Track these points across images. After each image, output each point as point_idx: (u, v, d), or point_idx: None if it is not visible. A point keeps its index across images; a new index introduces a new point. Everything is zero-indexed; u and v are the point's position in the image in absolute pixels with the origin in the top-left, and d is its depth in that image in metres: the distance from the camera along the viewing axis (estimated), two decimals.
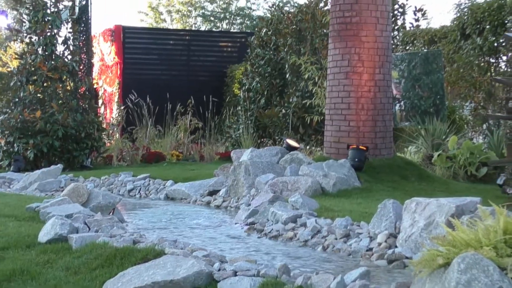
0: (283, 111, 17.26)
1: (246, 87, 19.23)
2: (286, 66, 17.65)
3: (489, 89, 14.77)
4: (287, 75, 17.64)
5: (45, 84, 15.98)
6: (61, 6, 16.44)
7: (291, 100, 17.12)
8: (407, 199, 6.73)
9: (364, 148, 11.10)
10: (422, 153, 13.42)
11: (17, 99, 15.97)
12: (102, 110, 21.35)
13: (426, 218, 6.32)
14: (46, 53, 16.00)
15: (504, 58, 15.00)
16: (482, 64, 15.27)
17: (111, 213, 8.85)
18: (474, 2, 15.61)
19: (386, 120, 11.70)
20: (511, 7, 13.74)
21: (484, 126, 14.92)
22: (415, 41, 17.35)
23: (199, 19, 43.46)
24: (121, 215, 9.07)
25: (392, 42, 13.37)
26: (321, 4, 17.49)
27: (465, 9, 15.75)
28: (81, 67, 17.11)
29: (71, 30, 16.90)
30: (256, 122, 18.00)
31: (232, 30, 40.98)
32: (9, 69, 23.20)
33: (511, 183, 9.97)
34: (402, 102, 15.32)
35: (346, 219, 7.54)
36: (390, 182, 10.90)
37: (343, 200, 9.41)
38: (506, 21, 14.40)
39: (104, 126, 17.92)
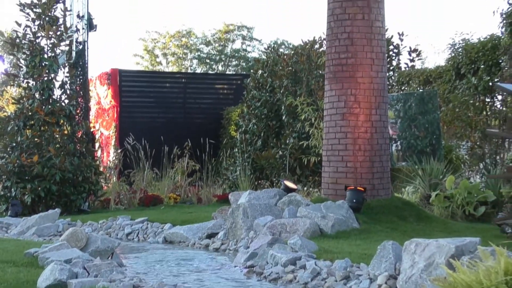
0: (280, 152, 17.29)
1: (243, 129, 19.27)
2: (283, 107, 17.71)
3: (485, 128, 14.82)
4: (284, 117, 17.69)
5: (42, 129, 16.01)
6: (58, 51, 16.52)
7: (288, 141, 17.15)
8: (406, 240, 6.72)
9: (362, 189, 11.10)
10: (419, 193, 13.42)
11: (14, 144, 15.99)
12: (99, 153, 21.34)
13: (426, 259, 6.31)
14: (43, 97, 16.05)
15: (500, 97, 15.07)
16: (478, 103, 15.34)
17: (110, 258, 8.82)
18: (468, 42, 15.73)
19: (383, 161, 11.72)
20: (505, 47, 13.83)
21: (481, 165, 14.94)
22: (410, 81, 17.45)
23: (195, 61, 43.67)
24: (120, 259, 9.04)
25: (387, 82, 13.45)
26: (316, 46, 17.61)
27: (460, 49, 15.87)
28: (78, 111, 17.13)
29: (68, 75, 16.96)
30: (253, 164, 18.00)
31: (227, 72, 41.18)
32: (6, 114, 23.27)
33: (510, 222, 9.96)
34: (399, 142, 15.35)
35: (345, 261, 7.53)
36: (389, 223, 10.88)
37: (342, 242, 9.40)
38: (500, 61, 14.50)
39: (101, 169, 17.92)
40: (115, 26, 61.50)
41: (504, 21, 13.75)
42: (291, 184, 12.22)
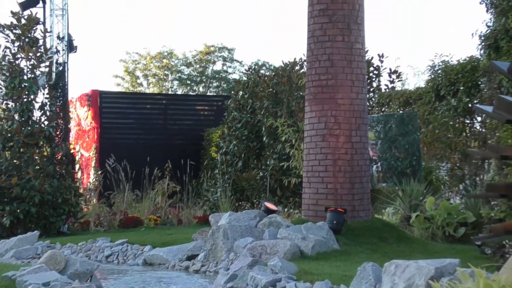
0: (261, 173, 17.27)
1: (224, 150, 19.26)
2: (263, 129, 17.72)
3: (465, 149, 14.88)
4: (264, 138, 17.69)
5: (21, 150, 15.90)
6: (38, 72, 16.45)
7: (268, 162, 17.14)
8: (386, 262, 6.72)
9: (342, 211, 11.10)
10: (400, 214, 13.44)
11: None
12: (79, 175, 21.25)
13: (405, 280, 6.30)
14: (23, 119, 15.96)
15: (479, 119, 15.15)
16: (457, 125, 15.42)
17: (89, 280, 8.74)
18: (448, 64, 15.82)
19: (364, 182, 11.73)
20: (484, 68, 13.93)
21: (461, 186, 14.99)
22: (390, 103, 17.51)
23: (176, 82, 43.68)
24: (99, 282, 8.97)
25: (368, 103, 13.49)
26: (297, 67, 17.65)
27: (439, 71, 15.96)
28: (58, 133, 17.04)
29: (48, 96, 16.89)
30: (234, 185, 17.98)
31: (208, 94, 41.21)
32: None
33: (490, 243, 9.98)
34: (379, 163, 15.39)
35: (325, 283, 7.51)
36: (369, 244, 10.88)
37: (322, 263, 9.38)
38: (479, 82, 14.59)
39: (81, 191, 17.81)
40: (95, 47, 61.43)
41: (483, 43, 13.85)
42: (271, 206, 12.20)
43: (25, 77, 16.14)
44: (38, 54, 16.35)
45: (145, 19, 62.84)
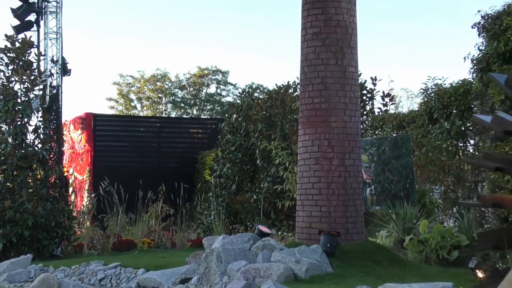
0: (255, 196, 17.27)
1: (217, 173, 19.26)
2: (257, 151, 17.74)
3: (458, 172, 14.92)
4: (258, 161, 17.71)
5: (15, 173, 15.88)
6: (32, 95, 16.47)
7: (262, 185, 17.15)
8: (380, 285, 6.72)
9: (336, 234, 11.09)
10: (393, 237, 13.43)
11: None
12: (72, 198, 21.21)
13: None
14: (16, 142, 15.95)
15: (472, 142, 15.19)
16: (451, 148, 15.45)
17: None
18: (441, 87, 15.89)
19: (357, 205, 11.73)
20: (476, 92, 13.99)
21: (454, 209, 15.00)
22: (384, 126, 17.56)
23: (170, 105, 43.75)
24: None
25: (361, 126, 13.52)
26: (291, 90, 17.71)
27: (432, 94, 16.02)
28: (51, 156, 17.03)
29: (41, 119, 16.89)
30: (228, 208, 17.97)
31: (202, 117, 41.27)
32: None
33: (483, 267, 9.98)
34: (373, 186, 15.40)
35: None
36: (363, 267, 10.86)
37: (316, 286, 9.36)
38: (472, 106, 14.64)
39: (74, 214, 17.77)
40: (89, 69, 61.60)
41: (475, 67, 13.92)
42: (265, 229, 12.18)
43: (18, 100, 16.15)
44: (32, 77, 16.38)
45: (139, 42, 63.06)
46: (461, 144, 15.54)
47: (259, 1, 63.71)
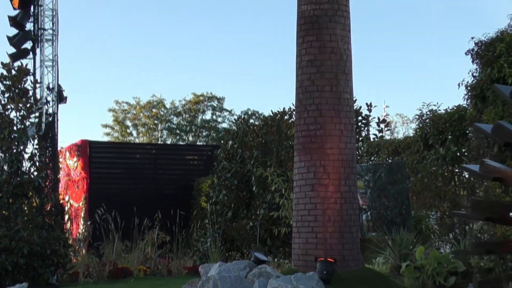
0: (251, 223, 17.25)
1: (213, 200, 19.25)
2: (253, 178, 17.74)
3: (454, 198, 14.93)
4: (254, 188, 17.71)
5: (10, 201, 15.85)
6: (27, 123, 16.48)
7: (258, 212, 17.14)
8: None
9: (332, 260, 11.06)
10: (390, 263, 13.40)
11: None
12: (68, 225, 21.17)
13: None
14: (12, 169, 15.94)
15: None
16: (446, 173, 15.47)
17: None
18: (436, 113, 15.93)
19: (353, 232, 11.71)
20: (471, 118, 14.04)
21: (451, 235, 14.99)
22: (379, 152, 17.59)
23: (165, 132, 43.79)
24: None
25: (357, 153, 13.53)
26: (286, 117, 17.74)
27: (427, 120, 16.06)
28: (47, 183, 17.02)
29: (37, 146, 16.89)
30: (224, 235, 17.94)
31: (198, 143, 41.31)
32: None
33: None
34: (369, 212, 15.39)
35: None
36: None
37: None
38: (467, 131, 14.69)
39: (70, 242, 17.72)
40: (85, 96, 61.71)
41: (469, 93, 13.98)
42: (261, 256, 12.15)
43: (14, 128, 16.16)
44: (28, 105, 16.40)
45: (134, 69, 63.22)
46: (457, 170, 15.56)
47: (254, 28, 64.02)
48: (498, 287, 6.06)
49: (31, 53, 19.32)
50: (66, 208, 23.06)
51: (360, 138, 18.07)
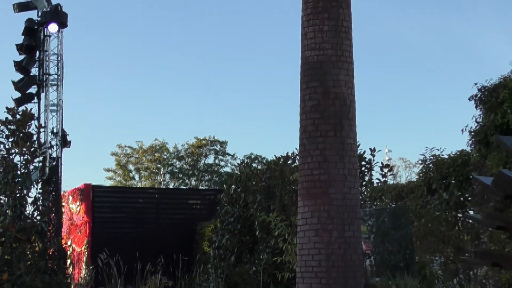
0: (254, 268, 17.18)
1: (216, 244, 19.19)
2: (256, 223, 17.70)
3: (458, 243, 14.88)
4: (257, 232, 17.66)
5: (13, 245, 15.83)
6: (31, 167, 16.53)
7: (261, 257, 17.08)
8: None
9: None
10: None
11: None
12: (70, 270, 21.08)
13: None
14: (15, 214, 15.94)
15: (471, 212, 15.19)
16: (450, 218, 15.44)
17: None
18: (439, 158, 15.94)
19: (357, 277, 11.65)
20: (475, 163, 14.05)
21: (455, 281, 14.92)
22: (383, 197, 17.56)
23: (168, 176, 43.78)
24: None
25: (360, 197, 13.52)
26: (289, 161, 17.76)
27: (430, 165, 16.06)
28: (50, 228, 17.01)
29: (41, 191, 16.94)
30: (227, 280, 17.86)
31: (200, 187, 41.25)
32: None
33: None
34: (372, 257, 15.34)
35: None
36: None
37: None
38: (470, 176, 14.68)
39: (72, 287, 17.65)
40: (87, 140, 61.79)
41: (473, 139, 14.01)
42: None
43: (18, 172, 16.20)
44: (32, 149, 16.47)
45: (137, 113, 63.43)
46: (460, 215, 15.53)
47: (256, 72, 64.31)
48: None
49: (36, 97, 19.44)
50: (69, 253, 22.98)
51: (363, 183, 18.06)
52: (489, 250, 5.71)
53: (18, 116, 16.48)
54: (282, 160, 17.94)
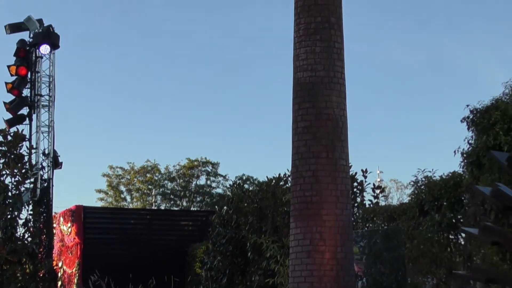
0: None
1: (208, 266, 19.13)
2: (248, 244, 17.65)
3: (450, 264, 14.86)
4: (249, 254, 17.60)
5: (4, 267, 15.74)
6: (22, 188, 16.48)
7: (253, 278, 17.02)
8: None
9: None
10: None
11: None
12: None
13: None
14: (6, 235, 15.86)
15: (463, 234, 15.17)
16: (442, 240, 15.42)
17: None
18: (431, 180, 15.94)
19: None
20: (467, 185, 14.05)
21: None
22: (375, 218, 17.54)
23: (159, 197, 43.70)
24: None
25: (352, 219, 13.50)
26: (282, 183, 17.73)
27: (422, 186, 16.06)
28: (41, 249, 16.93)
29: (32, 212, 16.87)
30: None
31: (192, 209, 41.18)
32: None
33: None
34: (364, 279, 15.30)
35: None
36: None
37: None
38: (462, 198, 14.69)
39: None
40: (78, 161, 61.71)
41: (465, 161, 14.02)
42: None
43: (9, 194, 16.14)
44: (23, 171, 16.43)
45: (129, 134, 63.39)
46: (452, 237, 15.51)
47: (248, 93, 64.41)
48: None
49: (27, 119, 19.39)
50: (59, 274, 22.84)
51: (355, 204, 18.04)
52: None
53: (9, 137, 16.45)
54: (274, 181, 17.91)
